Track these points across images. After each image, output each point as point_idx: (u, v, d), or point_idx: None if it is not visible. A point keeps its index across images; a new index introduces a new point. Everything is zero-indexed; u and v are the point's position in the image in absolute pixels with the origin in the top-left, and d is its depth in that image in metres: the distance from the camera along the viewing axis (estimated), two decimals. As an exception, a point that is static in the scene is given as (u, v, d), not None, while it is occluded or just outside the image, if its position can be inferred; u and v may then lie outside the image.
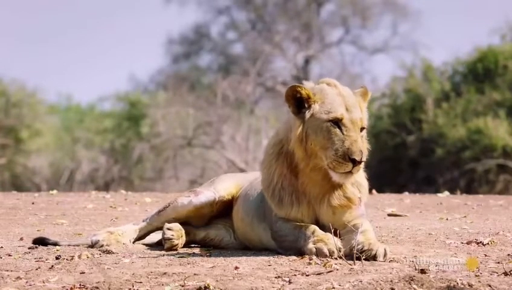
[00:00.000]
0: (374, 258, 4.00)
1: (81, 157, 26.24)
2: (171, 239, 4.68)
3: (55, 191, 11.14)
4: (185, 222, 4.90)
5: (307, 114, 4.16)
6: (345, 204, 4.27)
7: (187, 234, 4.78)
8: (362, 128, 4.17)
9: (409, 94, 23.36)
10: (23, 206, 8.42)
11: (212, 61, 28.37)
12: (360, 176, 4.34)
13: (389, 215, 7.46)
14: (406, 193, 11.65)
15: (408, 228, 5.87)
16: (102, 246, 4.71)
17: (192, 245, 4.90)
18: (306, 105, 4.17)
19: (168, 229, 4.70)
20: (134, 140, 26.33)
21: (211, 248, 4.81)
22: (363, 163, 4.09)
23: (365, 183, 4.37)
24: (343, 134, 4.09)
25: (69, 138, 26.85)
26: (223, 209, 4.85)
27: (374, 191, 11.19)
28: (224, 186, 4.87)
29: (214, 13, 28.48)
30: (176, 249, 4.66)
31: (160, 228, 4.84)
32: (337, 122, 4.11)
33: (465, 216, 7.09)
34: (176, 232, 4.70)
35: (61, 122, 27.78)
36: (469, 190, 18.85)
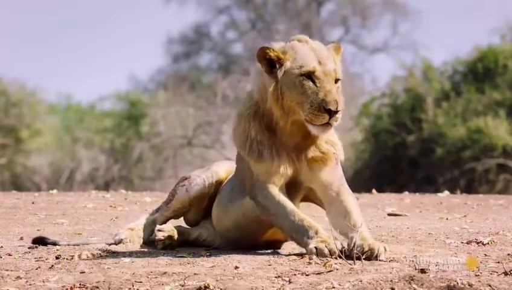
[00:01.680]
0: (376, 257, 4.00)
1: (81, 157, 26.23)
2: (162, 240, 4.70)
3: (55, 191, 11.14)
4: (184, 214, 4.96)
5: (279, 72, 4.17)
6: (320, 157, 4.27)
7: (180, 234, 4.79)
8: (337, 80, 4.18)
9: (409, 94, 23.34)
10: (23, 205, 8.41)
11: (212, 61, 28.40)
12: (333, 136, 4.36)
13: (389, 214, 7.46)
14: (406, 193, 11.64)
15: (408, 228, 5.87)
16: (126, 244, 4.78)
17: (185, 245, 4.89)
18: (277, 65, 4.17)
19: (159, 230, 4.74)
20: (134, 139, 26.34)
21: (210, 248, 4.80)
22: (339, 113, 4.09)
23: (339, 143, 4.38)
24: (316, 86, 4.10)
25: (69, 137, 26.85)
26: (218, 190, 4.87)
27: (374, 190, 11.20)
28: (216, 170, 4.89)
29: (213, 13, 28.51)
30: (173, 249, 4.67)
31: (171, 218, 4.93)
32: (310, 76, 4.12)
33: (465, 216, 7.08)
34: (168, 233, 4.72)
35: (61, 122, 27.78)
36: (469, 189, 18.85)
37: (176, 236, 4.74)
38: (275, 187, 4.26)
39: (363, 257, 3.97)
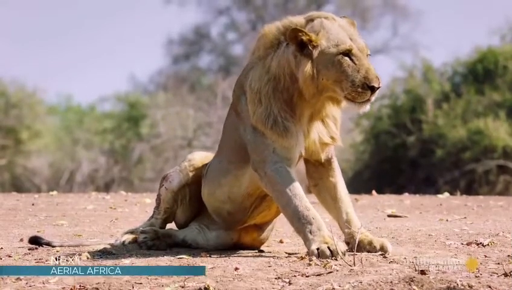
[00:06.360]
0: (386, 252, 4.22)
1: (81, 158, 26.22)
2: (145, 242, 4.73)
3: (55, 192, 11.14)
4: (175, 214, 4.98)
5: (315, 52, 4.15)
6: (329, 143, 4.35)
7: (168, 236, 4.82)
8: (367, 56, 4.19)
9: (409, 95, 23.35)
10: (23, 207, 8.42)
11: (212, 62, 28.43)
12: (337, 110, 4.37)
13: (389, 216, 7.46)
14: (406, 194, 11.64)
15: (408, 229, 5.87)
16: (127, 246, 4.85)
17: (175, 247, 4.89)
18: (310, 46, 4.15)
19: (141, 232, 4.79)
20: (134, 141, 26.34)
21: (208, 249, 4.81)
22: (379, 89, 4.10)
23: (339, 118, 4.40)
24: (355, 64, 4.10)
25: (69, 138, 26.84)
26: (197, 178, 4.86)
27: (373, 191, 11.20)
28: (190, 159, 4.93)
29: (213, 14, 28.56)
30: (159, 249, 4.68)
31: (166, 220, 4.96)
32: (348, 54, 4.12)
33: (465, 217, 7.08)
34: (149, 234, 4.75)
35: (61, 123, 27.79)
36: (469, 190, 18.84)
37: (160, 237, 4.76)
38: (290, 164, 4.26)
39: (379, 253, 4.13)
